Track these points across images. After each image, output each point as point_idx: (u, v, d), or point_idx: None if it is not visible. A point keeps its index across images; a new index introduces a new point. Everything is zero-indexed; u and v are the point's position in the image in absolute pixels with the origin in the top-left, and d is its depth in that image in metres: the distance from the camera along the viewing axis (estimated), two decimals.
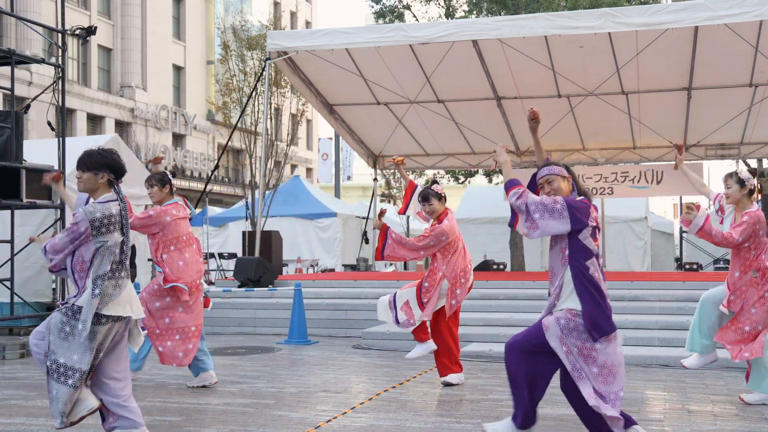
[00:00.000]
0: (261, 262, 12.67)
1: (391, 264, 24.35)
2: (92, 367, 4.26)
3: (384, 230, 6.85)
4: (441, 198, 6.93)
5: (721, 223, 6.32)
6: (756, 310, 5.84)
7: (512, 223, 4.53)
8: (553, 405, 5.91)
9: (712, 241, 5.75)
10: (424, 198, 6.92)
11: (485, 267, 17.10)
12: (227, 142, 15.34)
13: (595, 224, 4.34)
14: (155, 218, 6.54)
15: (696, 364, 6.18)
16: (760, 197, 5.95)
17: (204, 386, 6.77)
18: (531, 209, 4.30)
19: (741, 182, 6.02)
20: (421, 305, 6.79)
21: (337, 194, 29.50)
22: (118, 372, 4.37)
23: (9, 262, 10.06)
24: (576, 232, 4.28)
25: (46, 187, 10.11)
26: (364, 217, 21.08)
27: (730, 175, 6.11)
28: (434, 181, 7.29)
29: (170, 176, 6.84)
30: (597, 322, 4.18)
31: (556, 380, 6.94)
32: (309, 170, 48.41)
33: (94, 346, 4.19)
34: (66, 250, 4.30)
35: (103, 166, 4.38)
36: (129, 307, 4.35)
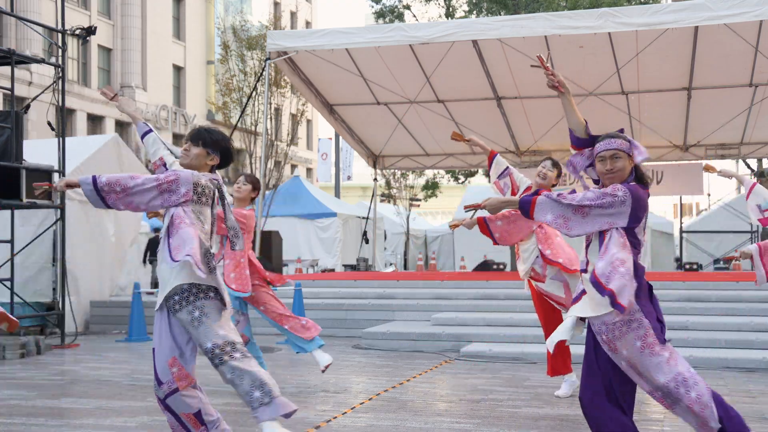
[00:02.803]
0: (261, 262, 12.64)
1: (391, 264, 24.37)
2: None
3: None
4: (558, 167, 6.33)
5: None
6: None
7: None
8: (554, 405, 5.92)
9: None
10: (554, 163, 6.32)
11: (485, 267, 17.10)
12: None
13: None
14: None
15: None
16: None
17: None
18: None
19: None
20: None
21: (337, 194, 29.50)
22: None
23: (9, 262, 10.06)
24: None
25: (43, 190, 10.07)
26: (364, 217, 21.07)
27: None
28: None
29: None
30: None
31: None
32: (309, 170, 48.39)
33: None
34: (140, 196, 3.78)
35: (217, 148, 4.02)
36: None
